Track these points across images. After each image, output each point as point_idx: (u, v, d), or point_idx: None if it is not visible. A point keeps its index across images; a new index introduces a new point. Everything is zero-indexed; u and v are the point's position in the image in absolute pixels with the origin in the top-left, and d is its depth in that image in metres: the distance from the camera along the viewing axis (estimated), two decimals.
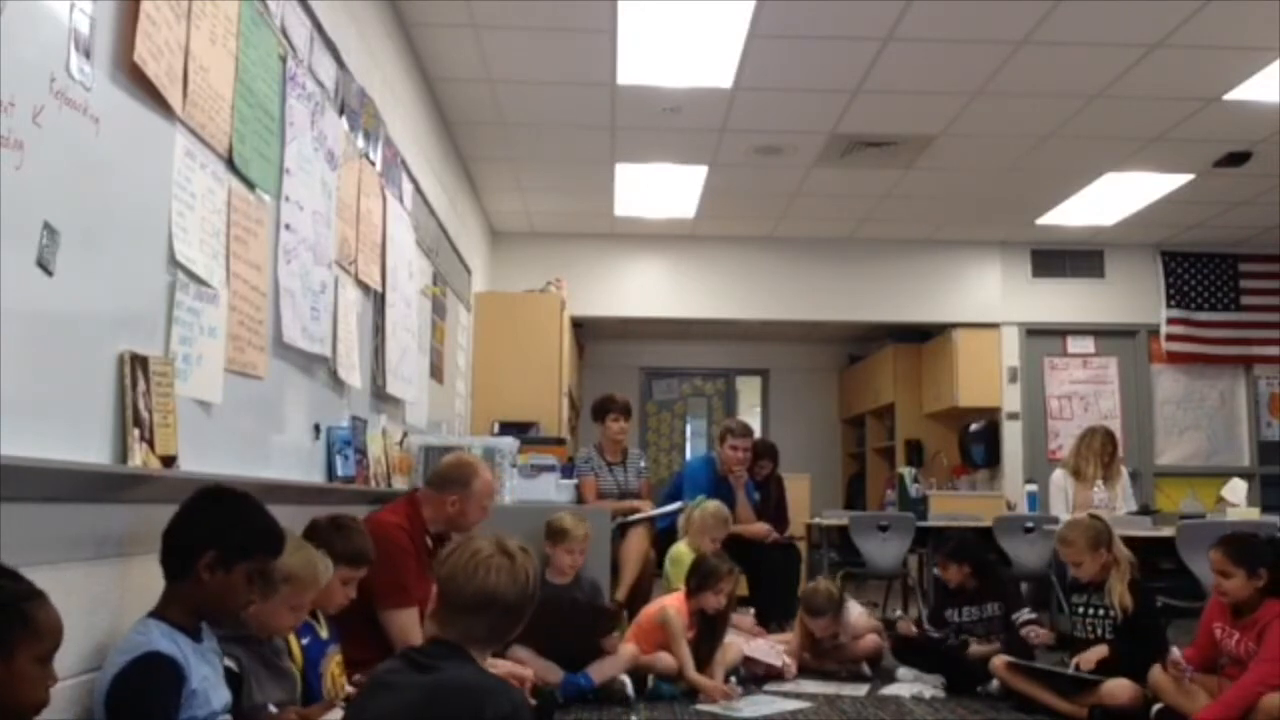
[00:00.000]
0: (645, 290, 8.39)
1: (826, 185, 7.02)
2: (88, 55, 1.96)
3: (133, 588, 2.15)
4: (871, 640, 4.77)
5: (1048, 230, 8.02)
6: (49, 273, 1.85)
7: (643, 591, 5.06)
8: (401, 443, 4.52)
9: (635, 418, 7.05)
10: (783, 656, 4.57)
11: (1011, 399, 8.36)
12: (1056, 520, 5.27)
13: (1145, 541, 4.88)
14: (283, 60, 3.05)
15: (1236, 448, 8.40)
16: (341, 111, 3.67)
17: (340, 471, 3.57)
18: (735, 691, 4.12)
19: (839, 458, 10.71)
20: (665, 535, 5.32)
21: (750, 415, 10.58)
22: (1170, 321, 8.32)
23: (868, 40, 4.81)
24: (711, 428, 10.20)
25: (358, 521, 2.95)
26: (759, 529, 5.66)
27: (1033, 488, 6.75)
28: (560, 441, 6.16)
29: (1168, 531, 5.16)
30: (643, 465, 5.87)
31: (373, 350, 4.16)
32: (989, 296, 8.46)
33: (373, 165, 4.13)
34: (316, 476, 3.44)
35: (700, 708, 3.95)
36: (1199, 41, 4.75)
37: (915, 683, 4.41)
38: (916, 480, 7.36)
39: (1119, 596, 4.00)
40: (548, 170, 6.87)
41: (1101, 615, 4.07)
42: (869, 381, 9.91)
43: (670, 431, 10.66)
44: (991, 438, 8.37)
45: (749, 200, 7.44)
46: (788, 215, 7.79)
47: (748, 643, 4.61)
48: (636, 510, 5.35)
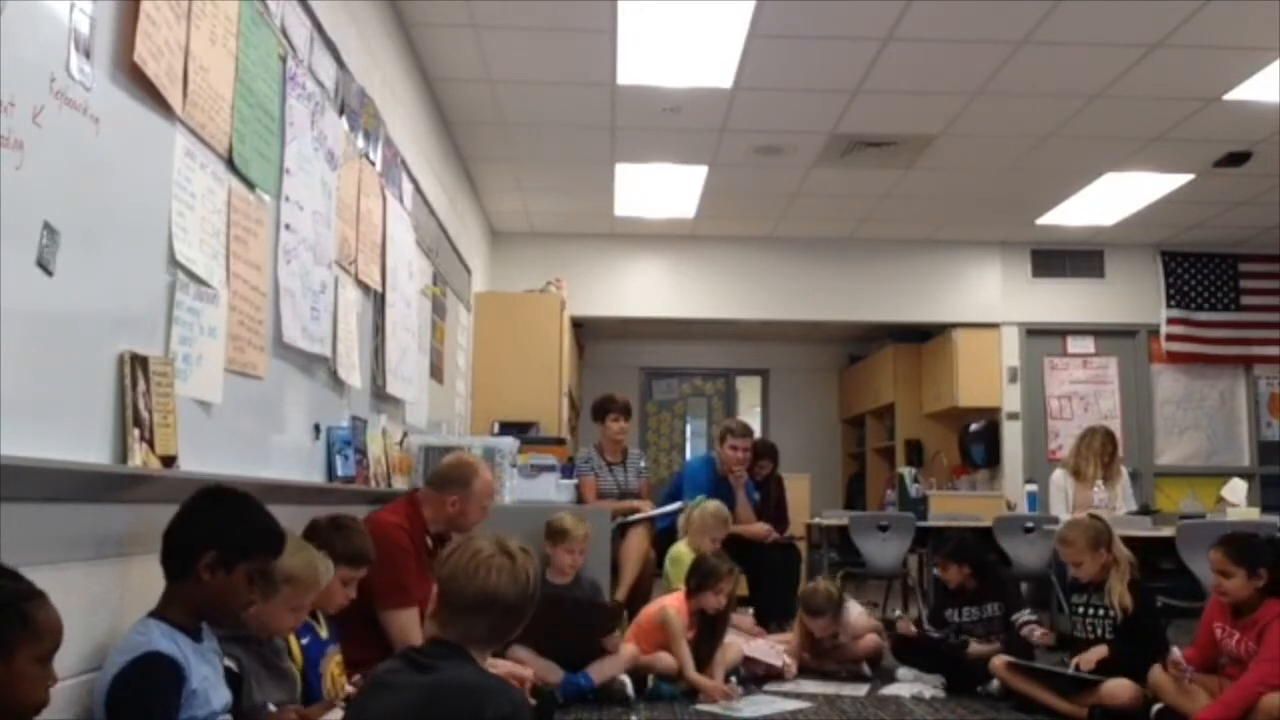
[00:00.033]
0: (645, 290, 8.39)
1: (826, 185, 7.02)
2: (88, 55, 1.95)
3: (133, 588, 2.15)
4: (871, 640, 4.76)
5: (1048, 230, 8.02)
6: (49, 273, 1.85)
7: (643, 591, 5.06)
8: (401, 443, 4.52)
9: (635, 418, 7.05)
10: (783, 656, 4.57)
11: (1011, 399, 8.36)
12: (1056, 520, 5.27)
13: (1145, 541, 4.88)
14: (283, 60, 3.05)
15: (1236, 448, 8.39)
16: (341, 111, 3.67)
17: (340, 471, 3.57)
18: (735, 691, 4.12)
19: (839, 458, 10.71)
20: (665, 535, 5.32)
21: (750, 415, 10.58)
22: (1170, 321, 8.32)
23: (868, 40, 4.81)
24: (711, 428, 10.19)
25: (358, 522, 2.95)
26: (759, 529, 5.65)
27: (1033, 488, 6.75)
28: (560, 441, 6.16)
29: (1168, 531, 5.16)
30: (643, 465, 5.87)
31: (373, 350, 4.16)
32: (989, 296, 8.45)
33: (373, 165, 4.13)
34: (316, 476, 3.44)
35: (700, 708, 3.95)
36: (1199, 41, 4.75)
37: (915, 683, 4.41)
38: (916, 480, 7.36)
39: (1119, 596, 4.00)
40: (548, 170, 6.87)
41: (1101, 615, 4.07)
42: (869, 381, 9.91)
43: (670, 431, 10.66)
44: (991, 438, 8.37)
45: (749, 200, 7.44)
46: (788, 215, 7.79)
47: (748, 643, 4.61)
48: (636, 510, 5.35)
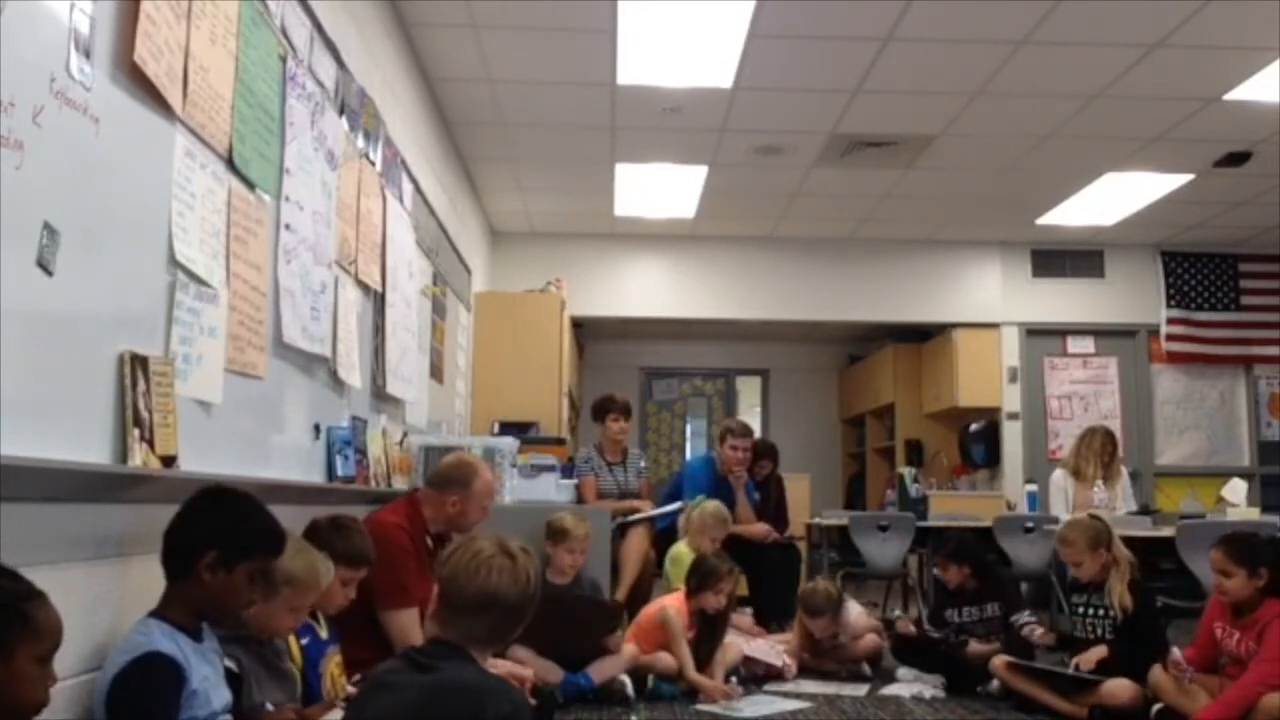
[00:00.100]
0: (645, 290, 8.39)
1: (826, 185, 7.02)
2: (88, 55, 1.95)
3: (133, 588, 2.15)
4: (871, 640, 4.76)
5: (1048, 230, 8.02)
6: (49, 273, 1.85)
7: (643, 591, 5.06)
8: (401, 443, 4.52)
9: (635, 418, 7.05)
10: (783, 656, 4.57)
11: (1011, 399, 8.36)
12: (1056, 520, 5.27)
13: (1145, 541, 4.88)
14: (283, 60, 3.05)
15: (1236, 448, 8.39)
16: (341, 111, 3.67)
17: (340, 471, 3.57)
18: (735, 691, 4.12)
19: (839, 458, 10.71)
20: (665, 535, 5.32)
21: (750, 415, 10.58)
22: (1170, 321, 8.32)
23: (868, 40, 4.81)
24: (711, 428, 10.19)
25: (358, 522, 2.95)
26: (759, 529, 5.65)
27: (1033, 488, 6.75)
28: (560, 441, 6.16)
29: (1168, 531, 5.16)
30: (643, 465, 5.87)
31: (373, 350, 4.16)
32: (989, 296, 8.45)
33: (373, 165, 4.13)
34: (316, 476, 3.44)
35: (700, 708, 3.95)
36: (1199, 41, 4.75)
37: (915, 683, 4.41)
38: (916, 480, 7.35)
39: (1119, 596, 4.00)
40: (548, 170, 6.87)
41: (1101, 615, 4.07)
42: (869, 381, 9.91)
43: (670, 431, 10.66)
44: (991, 438, 8.37)
45: (749, 200, 7.44)
46: (788, 215, 7.79)
47: (748, 643, 4.61)
48: (636, 510, 5.35)
